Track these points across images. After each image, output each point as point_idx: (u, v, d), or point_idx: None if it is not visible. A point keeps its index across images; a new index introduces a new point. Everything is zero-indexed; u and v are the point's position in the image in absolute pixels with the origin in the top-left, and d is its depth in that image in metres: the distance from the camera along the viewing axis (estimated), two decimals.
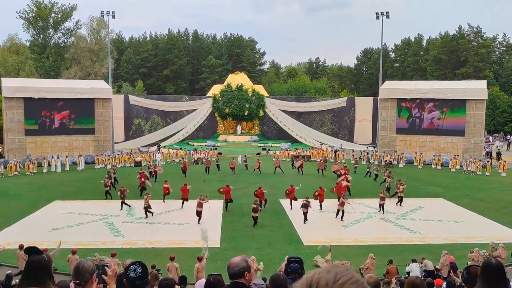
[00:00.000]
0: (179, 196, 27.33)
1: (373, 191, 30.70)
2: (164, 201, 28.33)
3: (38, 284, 3.29)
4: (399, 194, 27.87)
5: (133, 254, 18.32)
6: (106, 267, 4.64)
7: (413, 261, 16.57)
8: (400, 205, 27.39)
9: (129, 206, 26.66)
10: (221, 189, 26.96)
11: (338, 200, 28.14)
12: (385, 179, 32.06)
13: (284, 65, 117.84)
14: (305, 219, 23.81)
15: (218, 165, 40.70)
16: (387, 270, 15.85)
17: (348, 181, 30.27)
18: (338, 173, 34.26)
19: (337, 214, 24.67)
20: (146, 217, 24.76)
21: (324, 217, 25.57)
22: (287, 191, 27.21)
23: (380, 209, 26.03)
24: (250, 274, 3.84)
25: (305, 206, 24.08)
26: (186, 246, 20.05)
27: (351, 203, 25.62)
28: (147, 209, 24.82)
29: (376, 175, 36.78)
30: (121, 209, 26.38)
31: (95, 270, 4.04)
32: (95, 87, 48.38)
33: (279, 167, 39.29)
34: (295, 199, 26.64)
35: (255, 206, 23.45)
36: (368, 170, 38.49)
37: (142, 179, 30.67)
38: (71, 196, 30.36)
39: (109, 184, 30.07)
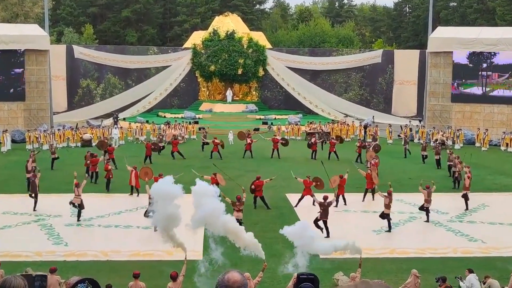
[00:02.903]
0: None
1: (417, 184, 30.81)
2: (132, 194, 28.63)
3: None
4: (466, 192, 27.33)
5: (81, 270, 18.38)
6: (43, 283, 4.65)
7: (470, 271, 16.68)
8: (466, 209, 27.19)
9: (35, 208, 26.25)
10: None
11: (364, 196, 28.27)
12: (451, 167, 32.30)
13: (293, 4, 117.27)
14: (326, 231, 22.70)
15: (204, 144, 40.79)
16: None
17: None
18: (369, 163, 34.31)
19: (388, 222, 23.87)
20: (78, 219, 24.75)
21: (348, 217, 25.71)
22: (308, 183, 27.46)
23: (426, 215, 25.36)
24: None
25: (325, 210, 22.86)
26: (156, 258, 20.15)
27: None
28: (76, 205, 24.77)
29: (438, 162, 36.10)
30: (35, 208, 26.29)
31: None
32: (25, 34, 48.02)
33: (277, 150, 39.43)
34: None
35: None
36: (423, 154, 38.17)
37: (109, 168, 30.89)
38: None
39: (32, 169, 29.86)
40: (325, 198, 22.98)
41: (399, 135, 47.46)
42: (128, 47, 66.62)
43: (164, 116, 55.74)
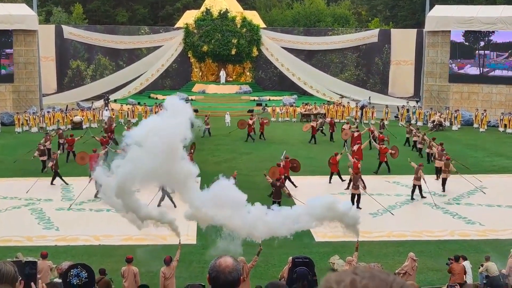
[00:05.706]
0: None
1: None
2: None
3: None
4: (443, 176, 27.34)
5: (73, 255, 18.44)
6: (33, 270, 4.63)
7: (464, 259, 16.78)
8: (443, 190, 27.24)
9: (65, 182, 27.52)
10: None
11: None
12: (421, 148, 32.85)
13: None
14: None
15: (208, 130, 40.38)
16: (451, 268, 16.00)
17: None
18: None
19: (352, 199, 23.81)
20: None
21: (344, 200, 25.69)
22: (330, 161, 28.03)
23: (412, 197, 25.69)
24: (245, 281, 3.90)
25: (276, 190, 22.99)
26: (149, 242, 20.16)
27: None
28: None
29: (420, 149, 34.49)
30: (52, 183, 27.48)
31: (17, 277, 4.05)
32: (13, 14, 47.66)
33: (262, 133, 39.37)
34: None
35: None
36: (408, 136, 37.38)
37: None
38: None
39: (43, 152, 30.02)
40: (278, 178, 23.75)
41: (395, 116, 47.52)
42: (119, 27, 66.17)
43: (156, 98, 55.55)
